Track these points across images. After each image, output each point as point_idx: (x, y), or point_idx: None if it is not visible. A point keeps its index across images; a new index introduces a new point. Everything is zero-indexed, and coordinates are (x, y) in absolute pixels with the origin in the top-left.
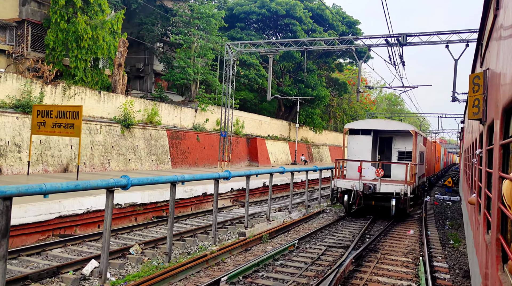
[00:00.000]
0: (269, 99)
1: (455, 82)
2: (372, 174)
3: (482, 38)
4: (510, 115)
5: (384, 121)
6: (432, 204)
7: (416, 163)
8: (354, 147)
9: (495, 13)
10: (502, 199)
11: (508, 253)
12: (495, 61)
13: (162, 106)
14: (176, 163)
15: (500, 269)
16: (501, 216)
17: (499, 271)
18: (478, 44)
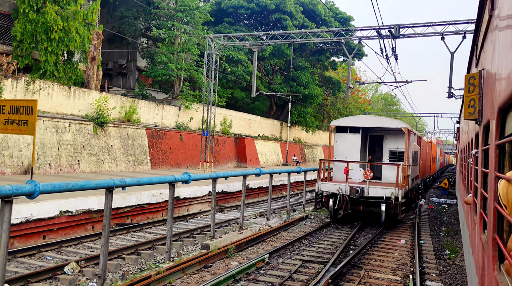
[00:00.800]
0: (254, 96)
1: (451, 77)
2: (360, 176)
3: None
4: (505, 115)
5: (374, 118)
6: (427, 207)
7: (409, 164)
8: (341, 146)
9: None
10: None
11: (504, 253)
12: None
13: (141, 103)
14: (156, 164)
15: (497, 269)
16: (497, 216)
17: (495, 270)
18: (473, 44)
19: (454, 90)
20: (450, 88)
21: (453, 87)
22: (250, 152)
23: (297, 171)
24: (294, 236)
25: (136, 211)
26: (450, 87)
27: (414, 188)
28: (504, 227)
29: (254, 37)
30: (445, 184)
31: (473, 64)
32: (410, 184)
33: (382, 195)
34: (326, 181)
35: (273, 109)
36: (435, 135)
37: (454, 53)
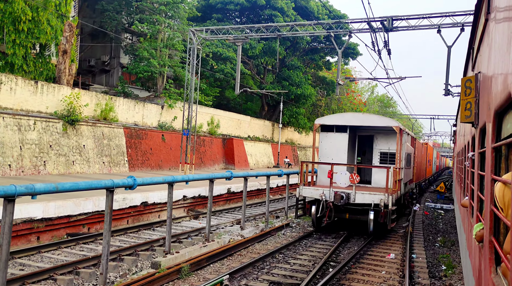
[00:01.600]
0: (237, 93)
1: (448, 72)
2: (345, 180)
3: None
4: (502, 118)
5: (362, 116)
6: (421, 214)
7: (401, 167)
8: (326, 147)
9: (486, 17)
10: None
11: (501, 256)
12: (486, 65)
13: (119, 101)
14: (134, 165)
15: (493, 272)
16: (494, 219)
17: (492, 273)
18: (469, 48)
19: (451, 87)
20: (447, 85)
21: (450, 84)
22: (238, 153)
23: (278, 174)
24: (268, 249)
25: (94, 219)
26: (447, 84)
27: (407, 193)
28: (501, 230)
29: (238, 30)
30: (441, 188)
31: (469, 67)
32: (403, 189)
33: (370, 202)
34: (309, 186)
35: (264, 110)
36: (431, 137)
37: (451, 47)
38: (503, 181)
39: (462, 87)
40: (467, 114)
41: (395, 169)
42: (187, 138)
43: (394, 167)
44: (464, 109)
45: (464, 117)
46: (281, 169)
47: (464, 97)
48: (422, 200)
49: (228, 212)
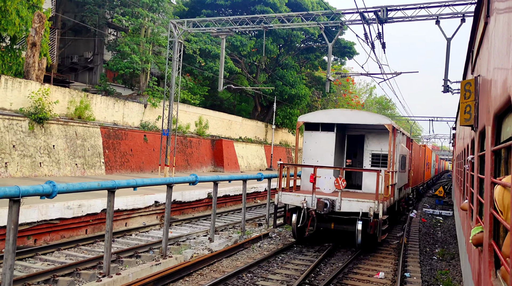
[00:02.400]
0: (221, 90)
1: (447, 67)
2: (330, 185)
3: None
4: (501, 121)
5: (351, 112)
6: (418, 221)
7: (395, 170)
8: (311, 147)
9: (486, 21)
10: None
11: (500, 259)
12: (486, 68)
13: (96, 98)
14: (112, 167)
15: (493, 275)
16: (493, 222)
17: (491, 277)
18: (469, 51)
19: (451, 83)
20: (446, 81)
21: (450, 79)
22: (228, 155)
23: (257, 178)
24: (237, 265)
25: (41, 229)
26: (446, 80)
27: (403, 198)
28: (500, 233)
29: (221, 22)
30: (440, 192)
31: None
32: (397, 195)
33: (358, 210)
34: (291, 191)
35: (257, 110)
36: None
37: (451, 39)
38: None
39: (462, 90)
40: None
41: (387, 173)
42: (167, 138)
43: (385, 170)
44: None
45: (463, 120)
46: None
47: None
48: (419, 205)
49: (207, 219)
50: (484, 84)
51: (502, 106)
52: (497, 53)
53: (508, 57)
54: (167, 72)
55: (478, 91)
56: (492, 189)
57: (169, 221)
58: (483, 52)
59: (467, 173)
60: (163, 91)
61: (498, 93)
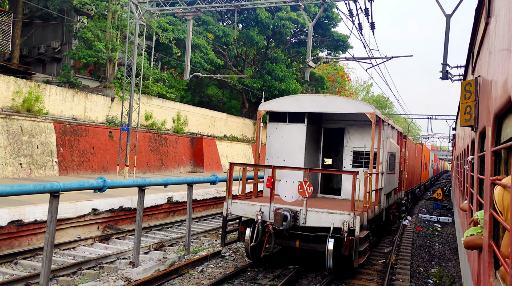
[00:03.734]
0: (187, 79)
1: (446, 50)
2: (293, 191)
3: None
4: (501, 122)
5: (324, 99)
6: (413, 229)
7: (382, 172)
8: (276, 143)
9: (487, 21)
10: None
11: (500, 259)
12: (486, 68)
13: (51, 90)
14: (68, 168)
15: (492, 276)
16: (493, 222)
17: (491, 277)
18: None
19: (450, 69)
20: (445, 66)
21: (449, 64)
22: (209, 154)
23: (210, 181)
24: None
25: None
26: (444, 65)
27: (393, 204)
28: (500, 234)
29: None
30: (439, 195)
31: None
32: (384, 201)
33: (328, 225)
34: (250, 199)
35: (245, 107)
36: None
37: (451, 16)
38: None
39: (462, 90)
40: (467, 117)
41: (368, 175)
42: (127, 134)
43: (366, 172)
44: (464, 112)
45: (463, 120)
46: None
47: (464, 101)
48: (415, 210)
49: (162, 229)
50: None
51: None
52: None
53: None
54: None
55: (479, 92)
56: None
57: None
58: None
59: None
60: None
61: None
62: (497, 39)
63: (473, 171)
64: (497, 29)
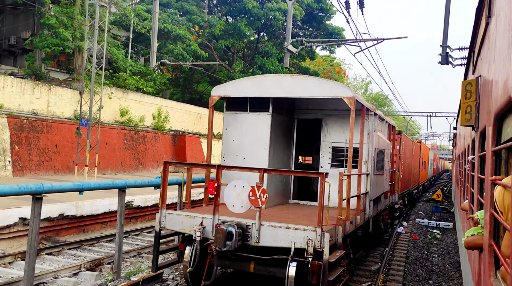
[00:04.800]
0: (153, 67)
1: (446, 30)
2: (242, 200)
3: (474, 45)
4: (502, 121)
5: (291, 80)
6: (408, 238)
7: (367, 172)
8: (234, 137)
9: (487, 21)
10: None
11: (500, 259)
12: (487, 68)
13: (6, 81)
14: (24, 168)
15: (493, 275)
16: (494, 222)
17: (491, 277)
18: (470, 51)
19: (451, 51)
20: (445, 49)
21: (450, 46)
22: (192, 153)
23: (153, 185)
24: None
25: None
26: (444, 47)
27: (384, 211)
28: (500, 233)
29: None
30: (438, 196)
31: (470, 71)
32: (370, 209)
33: (288, 245)
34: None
35: None
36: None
37: None
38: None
39: (463, 90)
40: (467, 117)
41: (345, 178)
42: (88, 130)
43: (341, 173)
44: (465, 112)
45: (464, 120)
46: None
47: (465, 101)
48: (412, 214)
49: (113, 240)
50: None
51: (503, 107)
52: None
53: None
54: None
55: (479, 92)
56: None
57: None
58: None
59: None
60: (105, 75)
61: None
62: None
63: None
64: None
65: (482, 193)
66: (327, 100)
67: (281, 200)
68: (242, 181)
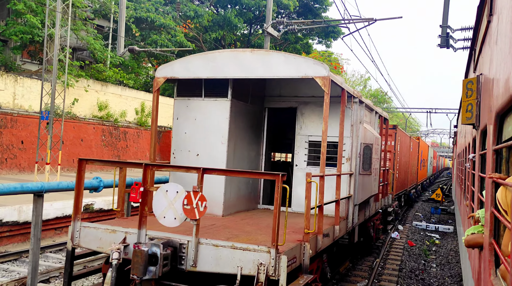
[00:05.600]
0: (120, 54)
1: (447, 8)
2: (175, 211)
3: (475, 44)
4: (503, 120)
5: (252, 56)
6: (404, 244)
7: (351, 172)
8: (186, 129)
9: (489, 19)
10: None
11: (500, 258)
12: (488, 67)
13: None
14: None
15: (493, 274)
16: (494, 221)
17: (491, 275)
18: (471, 49)
19: (453, 32)
20: (445, 29)
21: (450, 26)
22: None
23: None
24: None
25: None
26: (444, 27)
27: (375, 215)
28: (501, 232)
29: None
30: (438, 196)
31: (471, 69)
32: (356, 216)
33: (234, 271)
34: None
35: None
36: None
37: None
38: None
39: (464, 88)
40: (468, 115)
41: (316, 180)
42: (49, 124)
43: (309, 173)
44: (466, 110)
45: (465, 118)
46: None
47: (466, 99)
48: (409, 216)
49: (21, 258)
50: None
51: (504, 105)
52: (500, 52)
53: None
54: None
55: (480, 90)
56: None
57: None
58: (485, 50)
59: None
60: (80, 65)
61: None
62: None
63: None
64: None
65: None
66: (302, 84)
67: (246, 205)
68: (175, 185)
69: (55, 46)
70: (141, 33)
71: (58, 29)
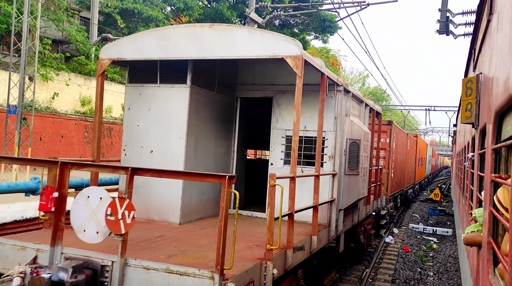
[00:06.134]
0: (93, 43)
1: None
2: (98, 223)
3: (475, 43)
4: (502, 119)
5: (211, 32)
6: (398, 249)
7: (334, 172)
8: (140, 121)
9: (489, 18)
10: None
11: (499, 257)
12: (488, 66)
13: None
14: None
15: (491, 273)
16: (493, 220)
17: (490, 274)
18: (471, 48)
19: (453, 16)
20: (444, 13)
21: (451, 10)
22: None
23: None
24: None
25: None
26: (444, 11)
27: (365, 220)
28: (500, 231)
29: None
30: (436, 196)
31: (470, 68)
32: (341, 222)
33: None
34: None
35: None
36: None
37: None
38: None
39: (463, 87)
40: (468, 115)
41: (275, 183)
42: (20, 119)
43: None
44: (465, 110)
45: (464, 118)
46: None
47: (465, 98)
48: (406, 217)
49: None
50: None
51: (503, 105)
52: (500, 51)
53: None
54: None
55: (480, 89)
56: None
57: None
58: (485, 49)
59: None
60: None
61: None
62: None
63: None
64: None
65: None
66: (278, 69)
67: (212, 211)
68: (99, 189)
69: (23, 34)
70: (128, 26)
71: (27, 16)
